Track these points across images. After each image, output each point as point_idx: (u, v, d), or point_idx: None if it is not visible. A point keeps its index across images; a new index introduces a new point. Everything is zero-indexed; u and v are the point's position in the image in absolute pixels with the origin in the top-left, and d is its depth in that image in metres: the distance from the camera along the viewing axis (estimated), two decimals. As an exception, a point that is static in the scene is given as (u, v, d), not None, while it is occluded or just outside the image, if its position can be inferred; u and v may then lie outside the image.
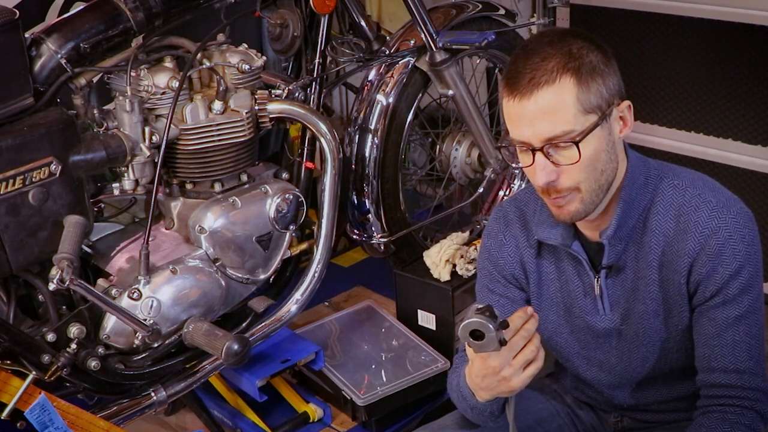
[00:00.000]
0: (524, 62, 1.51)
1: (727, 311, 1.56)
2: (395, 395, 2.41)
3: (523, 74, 1.49)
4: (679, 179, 1.62)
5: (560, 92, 1.48)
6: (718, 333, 1.57)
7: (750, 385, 1.57)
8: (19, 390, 1.79)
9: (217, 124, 2.16)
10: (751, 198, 2.78)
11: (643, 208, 1.61)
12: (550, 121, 1.48)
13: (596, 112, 1.51)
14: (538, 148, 1.51)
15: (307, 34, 2.41)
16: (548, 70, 1.48)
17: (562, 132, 1.49)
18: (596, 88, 1.50)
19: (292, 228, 2.30)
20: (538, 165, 1.52)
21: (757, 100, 2.72)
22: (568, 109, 1.48)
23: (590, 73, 1.50)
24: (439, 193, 2.97)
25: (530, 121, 1.50)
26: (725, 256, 1.55)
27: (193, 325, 2.09)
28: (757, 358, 1.58)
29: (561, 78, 1.48)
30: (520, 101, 1.50)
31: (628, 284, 1.65)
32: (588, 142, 1.50)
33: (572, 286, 1.71)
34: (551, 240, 1.67)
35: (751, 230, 1.57)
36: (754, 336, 1.58)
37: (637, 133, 3.00)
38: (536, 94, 1.48)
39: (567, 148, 1.50)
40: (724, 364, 1.57)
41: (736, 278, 1.55)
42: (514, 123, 1.53)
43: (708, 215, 1.56)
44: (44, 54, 2.01)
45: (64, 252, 1.89)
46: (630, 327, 1.68)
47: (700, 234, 1.55)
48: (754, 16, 2.64)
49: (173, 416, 2.55)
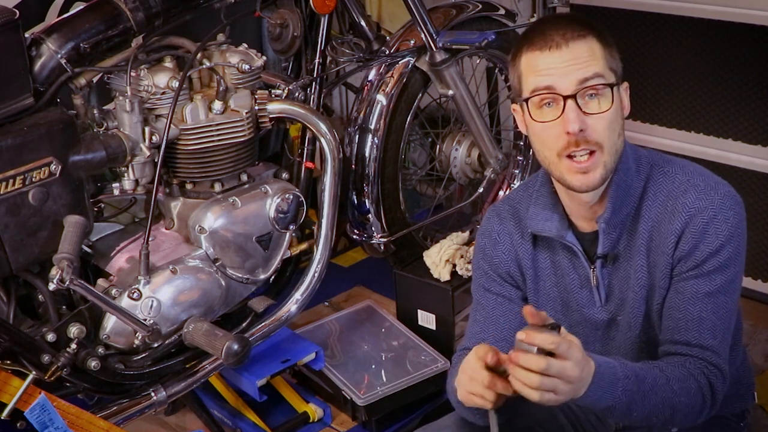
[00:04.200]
0: (550, 25, 1.57)
1: (698, 285, 1.57)
2: (395, 395, 2.41)
3: (552, 32, 1.54)
4: (669, 166, 1.64)
5: (591, 46, 1.55)
6: (685, 306, 1.58)
7: (710, 360, 1.56)
8: (19, 390, 1.79)
9: (217, 124, 2.16)
10: (751, 198, 2.78)
11: (637, 196, 1.62)
12: (584, 64, 1.53)
13: (616, 74, 1.57)
14: (570, 94, 1.52)
15: (307, 34, 2.41)
16: (578, 28, 1.55)
17: (595, 74, 1.53)
18: (614, 54, 1.58)
19: (292, 228, 2.30)
20: (570, 112, 1.52)
21: (757, 100, 2.72)
22: (599, 59, 1.55)
23: (608, 41, 1.58)
24: (439, 193, 2.97)
25: (564, 68, 1.53)
26: (708, 234, 1.56)
27: (193, 325, 2.09)
28: (720, 339, 1.57)
29: (589, 35, 1.55)
30: (552, 52, 1.53)
31: (621, 273, 1.66)
32: (613, 96, 1.55)
33: (568, 279, 1.71)
34: (546, 232, 1.68)
35: (736, 213, 1.58)
36: (722, 317, 1.57)
37: (637, 133, 3.00)
38: (571, 44, 1.53)
39: (598, 95, 1.53)
40: (687, 338, 1.57)
41: (715, 256, 1.56)
42: (544, 74, 1.54)
43: (695, 197, 1.58)
44: (44, 54, 2.01)
45: (64, 252, 1.90)
46: (624, 317, 1.68)
47: (687, 213, 1.57)
48: (755, 16, 2.64)
49: (173, 416, 2.55)
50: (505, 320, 1.75)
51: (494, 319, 1.75)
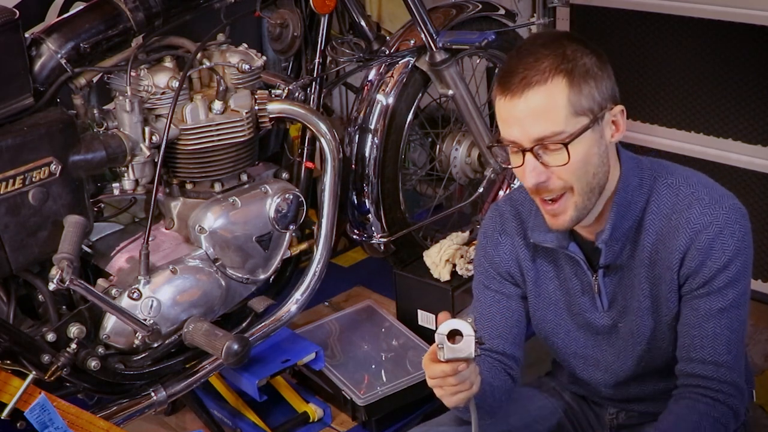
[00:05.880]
0: (517, 62, 1.51)
1: (710, 302, 1.57)
2: (395, 395, 2.41)
3: (515, 74, 1.49)
4: (673, 177, 1.62)
5: (551, 93, 1.48)
6: (699, 323, 1.58)
7: (726, 379, 1.58)
8: (19, 390, 1.79)
9: (217, 124, 2.16)
10: (751, 198, 2.78)
11: (639, 209, 1.61)
12: (540, 122, 1.48)
13: (587, 115, 1.50)
14: (528, 148, 1.51)
15: (307, 34, 2.41)
16: (540, 71, 1.48)
17: (552, 133, 1.48)
18: (588, 91, 1.50)
19: (292, 228, 2.30)
20: (528, 166, 1.52)
21: (757, 100, 2.72)
22: (559, 111, 1.48)
23: (583, 76, 1.49)
24: (439, 193, 2.97)
25: (521, 121, 1.50)
26: (715, 250, 1.55)
27: (193, 325, 2.09)
28: (735, 354, 1.59)
29: (553, 79, 1.48)
30: (511, 100, 1.50)
31: (624, 281, 1.66)
32: (578, 144, 1.50)
33: (570, 284, 1.71)
34: (547, 243, 1.68)
35: (742, 226, 1.57)
36: (735, 331, 1.59)
37: (637, 133, 3.00)
38: (527, 93, 1.48)
39: (557, 150, 1.49)
40: (702, 355, 1.58)
41: (723, 272, 1.56)
42: (505, 122, 1.53)
43: (700, 212, 1.56)
44: (44, 54, 2.01)
45: (64, 252, 1.90)
46: (626, 324, 1.68)
47: (691, 230, 1.56)
48: (755, 16, 2.64)
49: (173, 416, 2.55)
50: (501, 318, 1.76)
51: (490, 317, 1.76)
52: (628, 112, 1.59)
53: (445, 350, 1.43)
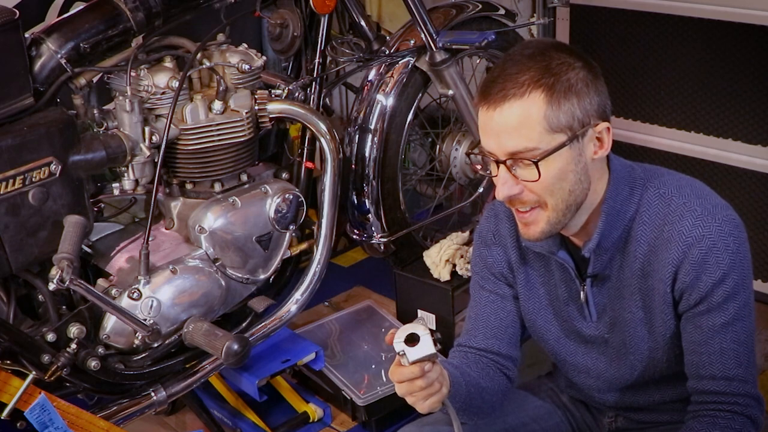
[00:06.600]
0: (500, 72, 1.49)
1: (712, 319, 1.54)
2: (395, 395, 2.37)
3: (495, 84, 1.48)
4: (665, 187, 1.58)
5: (527, 108, 1.46)
6: (705, 340, 1.55)
7: (739, 391, 1.55)
8: (19, 390, 1.79)
9: (217, 124, 2.16)
10: (751, 198, 2.77)
11: (628, 219, 1.58)
12: (513, 136, 1.47)
13: (565, 132, 1.47)
14: (501, 160, 1.50)
15: (307, 34, 2.42)
16: (519, 83, 1.46)
17: (525, 148, 1.47)
18: (568, 108, 1.46)
19: (292, 228, 2.30)
20: (501, 178, 1.51)
21: (757, 100, 2.72)
22: (534, 126, 1.46)
23: (564, 92, 1.46)
24: (439, 193, 2.97)
25: (496, 132, 1.48)
26: (709, 265, 1.52)
27: (193, 325, 2.09)
28: (746, 365, 1.56)
29: (531, 93, 1.45)
30: (488, 111, 1.49)
31: (613, 292, 1.64)
32: (551, 161, 1.47)
33: (559, 291, 1.70)
34: (537, 248, 1.67)
35: (736, 238, 1.53)
36: (743, 343, 1.55)
37: (637, 133, 2.99)
38: (503, 106, 1.46)
39: (529, 166, 1.48)
40: (712, 372, 1.56)
41: (720, 286, 1.52)
42: (483, 132, 1.52)
43: (692, 224, 1.52)
44: (44, 54, 2.01)
45: (64, 252, 1.90)
46: (616, 335, 1.66)
47: (684, 243, 1.52)
48: (754, 16, 2.64)
49: (173, 416, 2.55)
50: (495, 318, 1.76)
51: (485, 317, 1.76)
52: (628, 112, 1.57)
53: (408, 355, 1.43)
